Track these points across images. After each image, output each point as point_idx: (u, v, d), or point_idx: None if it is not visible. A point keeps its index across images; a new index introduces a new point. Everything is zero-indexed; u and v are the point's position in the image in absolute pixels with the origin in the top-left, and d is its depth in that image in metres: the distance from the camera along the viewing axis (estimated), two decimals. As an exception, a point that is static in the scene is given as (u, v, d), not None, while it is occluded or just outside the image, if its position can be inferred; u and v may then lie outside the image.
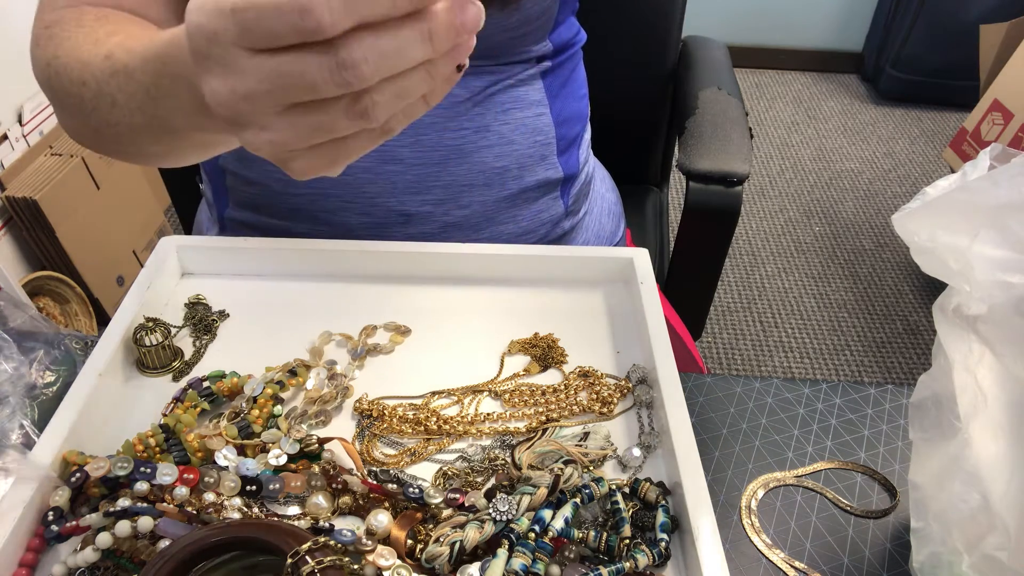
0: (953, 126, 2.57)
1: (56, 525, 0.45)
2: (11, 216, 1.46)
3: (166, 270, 0.63)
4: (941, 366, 0.45)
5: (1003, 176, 0.40)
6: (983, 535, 0.39)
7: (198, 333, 0.61)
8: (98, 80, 0.45)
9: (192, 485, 0.46)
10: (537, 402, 0.56)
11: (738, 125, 0.90)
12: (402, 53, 0.30)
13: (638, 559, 0.44)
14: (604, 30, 1.02)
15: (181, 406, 0.53)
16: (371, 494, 0.48)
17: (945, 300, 0.44)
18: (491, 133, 0.66)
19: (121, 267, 1.70)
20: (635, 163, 1.19)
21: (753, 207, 2.22)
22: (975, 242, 0.40)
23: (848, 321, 1.85)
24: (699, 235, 0.87)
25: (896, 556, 0.51)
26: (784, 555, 0.51)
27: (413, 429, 0.54)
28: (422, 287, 0.65)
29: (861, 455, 0.58)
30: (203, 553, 0.40)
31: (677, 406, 0.51)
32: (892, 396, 0.62)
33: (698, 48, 1.09)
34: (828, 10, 2.74)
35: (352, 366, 0.58)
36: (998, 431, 0.40)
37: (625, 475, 0.52)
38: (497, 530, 0.44)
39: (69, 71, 0.47)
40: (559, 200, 0.73)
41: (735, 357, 1.76)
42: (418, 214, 0.67)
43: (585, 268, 0.66)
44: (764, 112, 2.66)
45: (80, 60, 0.47)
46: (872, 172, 2.36)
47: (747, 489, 0.55)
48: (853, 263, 2.02)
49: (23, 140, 1.52)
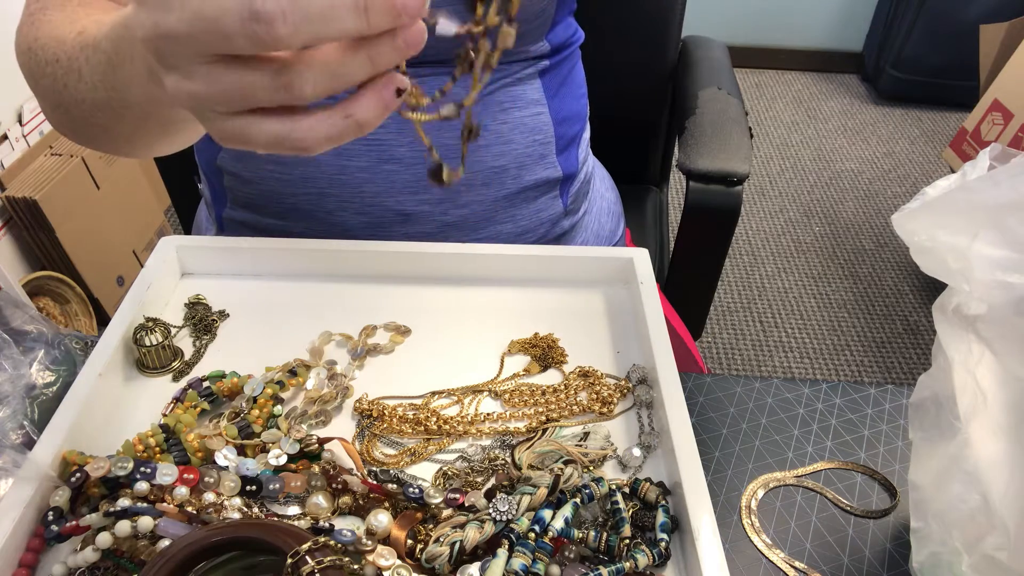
0: (953, 126, 2.57)
1: (56, 525, 0.45)
2: (11, 216, 1.46)
3: (166, 270, 0.63)
4: (941, 366, 0.45)
5: (1003, 176, 0.40)
6: (983, 535, 0.39)
7: (198, 333, 0.61)
8: (69, 55, 0.45)
9: (192, 485, 0.46)
10: (537, 402, 0.56)
11: (738, 125, 0.90)
12: (329, 17, 0.28)
13: (638, 559, 0.44)
14: (604, 30, 1.02)
15: (181, 406, 0.53)
16: (371, 494, 0.48)
17: (945, 300, 0.44)
18: (489, 132, 0.66)
19: (121, 267, 1.70)
20: (635, 163, 1.19)
21: (753, 207, 2.22)
22: (975, 242, 0.40)
23: (848, 321, 1.85)
24: (699, 235, 0.87)
25: (896, 556, 0.51)
26: (784, 555, 0.51)
27: (413, 429, 0.54)
28: (422, 287, 0.65)
29: (861, 455, 0.58)
30: (203, 553, 0.40)
31: (677, 406, 0.51)
32: (892, 396, 0.62)
33: (698, 48, 1.09)
34: (828, 10, 2.74)
35: (352, 366, 0.58)
36: (998, 431, 0.40)
37: (625, 475, 0.52)
38: (497, 530, 0.44)
39: (45, 51, 0.48)
40: (558, 199, 0.73)
41: (735, 357, 1.76)
42: (416, 213, 0.67)
43: (585, 268, 0.66)
44: (764, 112, 2.66)
45: (56, 38, 0.47)
46: (872, 172, 2.36)
47: (747, 489, 0.55)
48: (853, 263, 2.02)
49: (23, 140, 1.52)
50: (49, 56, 0.47)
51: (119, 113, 0.45)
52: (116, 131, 0.48)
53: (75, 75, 0.45)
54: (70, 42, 0.45)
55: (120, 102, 0.43)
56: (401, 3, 0.28)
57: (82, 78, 0.45)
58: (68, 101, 0.47)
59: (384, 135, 0.64)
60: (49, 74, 0.47)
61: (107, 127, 0.47)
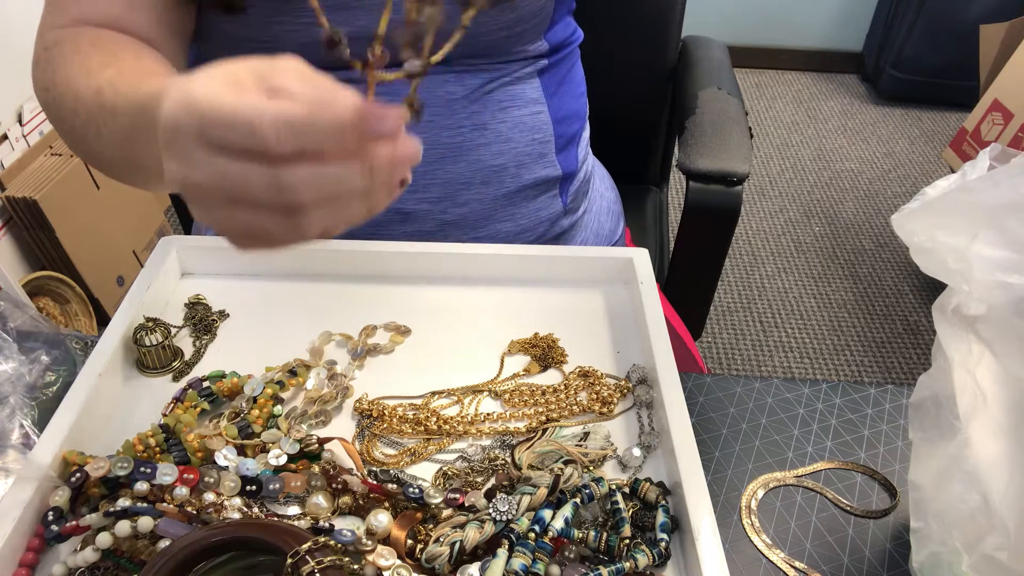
0: (953, 126, 2.57)
1: (56, 525, 0.45)
2: (11, 216, 1.46)
3: (166, 270, 0.63)
4: (941, 366, 0.45)
5: (1003, 176, 0.40)
6: (983, 535, 0.39)
7: (198, 333, 0.61)
8: (88, 112, 0.48)
9: (192, 485, 0.46)
10: (537, 402, 0.56)
11: (738, 125, 0.90)
12: (342, 183, 0.32)
13: (638, 559, 0.44)
14: (604, 29, 1.02)
15: (181, 406, 0.53)
16: (371, 494, 0.48)
17: (945, 300, 0.44)
18: (488, 131, 0.66)
19: (121, 267, 1.70)
20: (635, 163, 1.19)
21: (753, 207, 2.22)
22: (975, 242, 0.40)
23: (848, 321, 1.85)
24: (699, 235, 0.87)
25: (896, 556, 0.51)
26: (784, 555, 0.51)
27: (413, 429, 0.54)
28: (422, 287, 0.65)
29: (861, 455, 0.58)
30: (203, 553, 0.40)
31: (677, 406, 0.51)
32: (892, 396, 0.62)
33: (698, 48, 1.09)
34: (828, 10, 2.74)
35: (352, 366, 0.58)
36: (998, 431, 0.40)
37: (625, 475, 0.52)
38: (497, 530, 0.44)
39: (64, 99, 0.51)
40: (558, 198, 0.73)
41: (735, 357, 1.76)
42: (415, 212, 0.67)
43: (585, 268, 0.66)
44: (764, 112, 2.66)
45: (73, 91, 0.50)
46: (872, 172, 2.36)
47: (747, 489, 0.55)
48: (853, 263, 2.02)
49: (23, 140, 1.52)
50: (68, 106, 0.50)
51: (135, 169, 0.49)
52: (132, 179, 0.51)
53: (94, 133, 0.49)
54: (88, 100, 0.48)
55: (137, 164, 0.48)
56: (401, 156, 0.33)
57: (101, 137, 0.48)
58: (86, 149, 0.52)
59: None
60: (68, 121, 0.51)
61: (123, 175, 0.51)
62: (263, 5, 0.58)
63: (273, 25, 0.59)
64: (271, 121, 0.30)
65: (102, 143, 0.49)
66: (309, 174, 0.31)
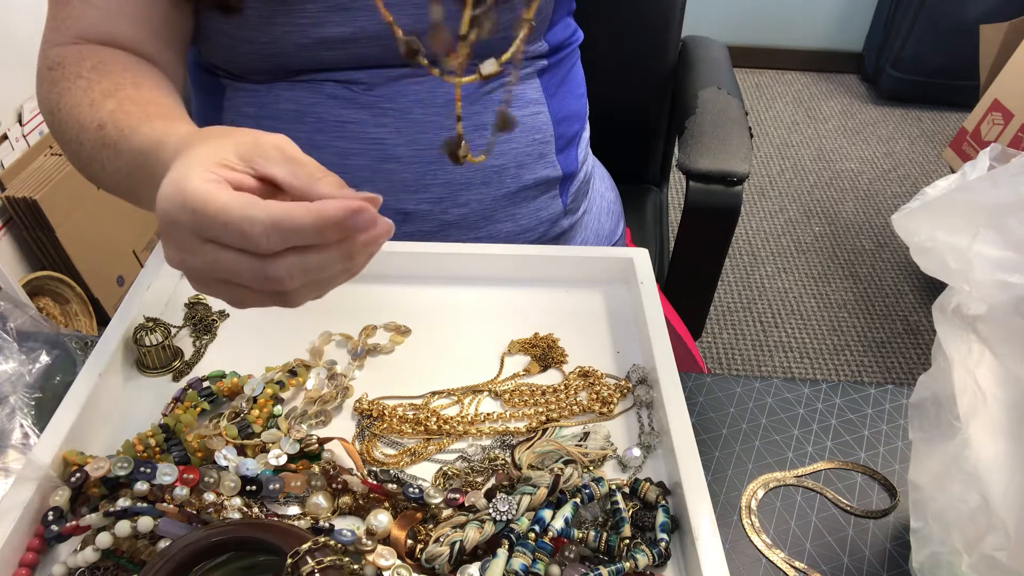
0: (953, 126, 2.57)
1: (56, 525, 0.45)
2: (11, 216, 1.46)
3: (166, 270, 0.63)
4: (941, 366, 0.45)
5: (1003, 176, 0.40)
6: (983, 535, 0.39)
7: (198, 333, 0.61)
8: (92, 145, 0.51)
9: (192, 485, 0.46)
10: (537, 402, 0.56)
11: (738, 125, 0.90)
12: (324, 268, 0.37)
13: (638, 559, 0.44)
14: (604, 30, 1.02)
15: (181, 406, 0.53)
16: (371, 494, 0.48)
17: (945, 300, 0.44)
18: (488, 131, 0.66)
19: (121, 267, 1.70)
20: (635, 163, 1.19)
21: (753, 207, 2.22)
22: (975, 242, 0.40)
23: (848, 321, 1.85)
24: (699, 235, 0.87)
25: (896, 556, 0.51)
26: (784, 555, 0.51)
27: (413, 429, 0.54)
28: (422, 287, 0.65)
29: (861, 455, 0.58)
30: (203, 553, 0.40)
31: (677, 406, 0.51)
32: (892, 396, 0.62)
33: (698, 48, 1.09)
34: (828, 10, 2.74)
35: (352, 366, 0.58)
36: (998, 431, 0.40)
37: (625, 475, 0.52)
38: (497, 530, 0.44)
39: (68, 128, 0.53)
40: (558, 198, 0.73)
41: (735, 357, 1.76)
42: (416, 212, 0.67)
43: (585, 268, 0.66)
44: (764, 112, 2.66)
45: (78, 121, 0.52)
46: (872, 172, 2.36)
47: (747, 489, 0.55)
48: (853, 263, 2.02)
49: (23, 140, 1.52)
50: (72, 136, 0.53)
51: (136, 201, 0.52)
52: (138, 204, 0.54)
53: (98, 164, 0.51)
54: (91, 133, 0.51)
55: (137, 199, 0.51)
56: (375, 238, 0.37)
57: (104, 170, 0.51)
58: (91, 175, 0.55)
59: (384, 134, 0.64)
60: (73, 149, 0.54)
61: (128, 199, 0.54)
62: (261, 6, 0.58)
63: (272, 26, 0.59)
64: (261, 229, 0.34)
65: (106, 176, 0.52)
66: (294, 264, 0.36)
